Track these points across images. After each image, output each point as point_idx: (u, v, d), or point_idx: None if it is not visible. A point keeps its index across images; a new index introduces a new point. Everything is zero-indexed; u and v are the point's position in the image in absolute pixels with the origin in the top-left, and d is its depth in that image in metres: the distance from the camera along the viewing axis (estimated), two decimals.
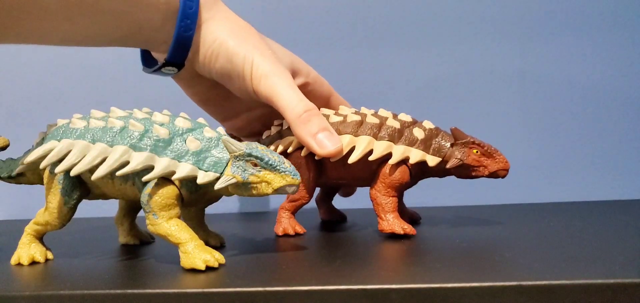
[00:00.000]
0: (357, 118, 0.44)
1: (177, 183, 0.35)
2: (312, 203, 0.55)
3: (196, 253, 0.33)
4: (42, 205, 0.40)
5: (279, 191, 0.34)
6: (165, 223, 0.34)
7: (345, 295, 0.28)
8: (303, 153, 0.45)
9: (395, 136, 0.43)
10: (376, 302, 0.27)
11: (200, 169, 0.34)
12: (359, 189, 0.55)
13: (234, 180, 0.33)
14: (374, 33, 0.68)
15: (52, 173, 0.38)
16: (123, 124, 0.35)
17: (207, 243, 0.41)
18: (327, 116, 0.46)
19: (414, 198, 0.62)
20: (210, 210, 0.68)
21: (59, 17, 0.36)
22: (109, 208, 0.56)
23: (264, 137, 0.50)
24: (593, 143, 0.67)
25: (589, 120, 0.66)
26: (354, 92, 0.67)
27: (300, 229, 0.46)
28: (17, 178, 0.41)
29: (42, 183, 0.40)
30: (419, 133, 0.43)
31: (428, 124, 0.44)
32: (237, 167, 0.34)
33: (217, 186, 0.34)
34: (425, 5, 0.67)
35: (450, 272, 0.30)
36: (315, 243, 0.41)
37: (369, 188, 0.45)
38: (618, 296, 0.26)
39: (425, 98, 0.67)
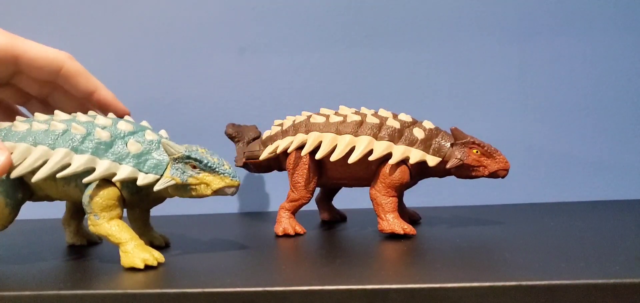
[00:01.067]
0: (357, 118, 0.44)
1: (118, 184, 0.35)
2: (312, 204, 0.55)
3: (135, 253, 0.34)
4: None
5: (218, 192, 0.35)
6: (106, 223, 0.35)
7: (345, 295, 0.28)
8: (303, 152, 0.45)
9: (396, 136, 0.43)
10: (376, 302, 0.27)
11: (140, 171, 0.35)
12: (358, 189, 0.55)
13: (172, 182, 0.35)
14: (374, 33, 0.68)
15: None
16: (65, 127, 0.36)
17: (152, 244, 0.41)
18: (326, 116, 0.46)
19: (414, 198, 0.62)
20: (209, 210, 0.68)
21: None
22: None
23: (264, 137, 0.50)
24: (593, 143, 0.66)
25: (589, 120, 0.66)
26: (354, 92, 0.67)
27: (300, 229, 0.46)
28: None
29: None
30: (419, 133, 0.43)
31: (428, 124, 0.44)
32: (177, 169, 0.35)
33: (156, 187, 0.35)
34: (425, 5, 0.67)
35: (450, 272, 0.30)
36: (315, 243, 0.41)
37: (369, 188, 0.45)
38: (618, 296, 0.26)
39: (425, 98, 0.67)
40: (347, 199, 0.60)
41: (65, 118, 0.37)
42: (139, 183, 0.34)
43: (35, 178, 0.34)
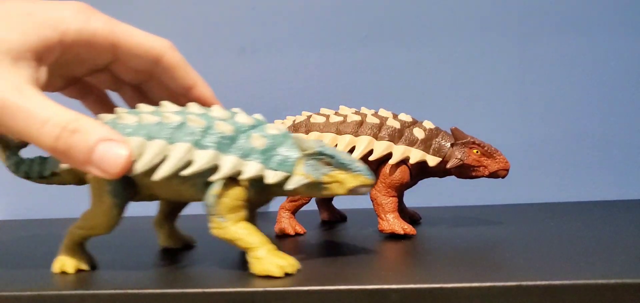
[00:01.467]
0: (357, 118, 0.44)
1: (245, 183, 0.32)
2: (313, 204, 0.55)
3: (270, 258, 0.31)
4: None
5: (352, 191, 0.32)
6: (233, 226, 0.32)
7: (345, 295, 0.28)
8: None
9: (396, 136, 0.43)
10: (376, 302, 0.27)
11: (267, 168, 0.32)
12: None
13: (307, 180, 0.32)
14: (374, 33, 0.68)
15: None
16: (181, 119, 0.32)
17: None
18: (326, 116, 0.46)
19: (414, 198, 0.62)
20: None
21: None
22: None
23: None
24: (593, 142, 0.66)
25: (589, 120, 0.66)
26: (354, 92, 0.67)
27: (300, 229, 0.46)
28: (49, 178, 0.38)
29: (76, 183, 0.37)
30: (419, 133, 0.43)
31: (428, 124, 0.44)
32: (310, 166, 0.32)
33: (291, 186, 0.32)
34: (425, 5, 0.67)
35: (450, 272, 0.30)
36: (315, 243, 0.41)
37: None
38: (618, 296, 0.26)
39: (425, 98, 0.67)
40: (347, 199, 0.60)
41: (177, 109, 0.34)
42: (269, 181, 0.31)
43: (157, 176, 0.31)
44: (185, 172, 0.31)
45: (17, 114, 0.29)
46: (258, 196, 0.33)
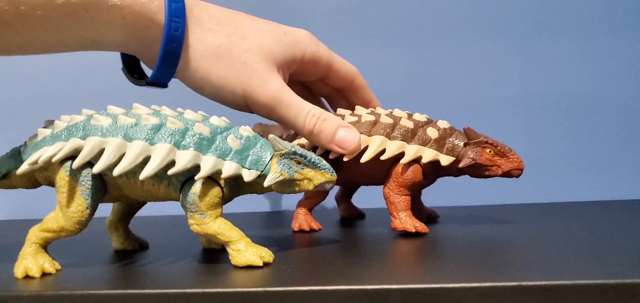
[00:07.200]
0: (372, 117, 0.44)
1: (221, 182, 0.34)
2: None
3: (250, 250, 0.33)
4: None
5: (318, 187, 0.35)
6: (213, 221, 0.34)
7: (345, 295, 0.28)
8: (317, 151, 0.45)
9: (409, 136, 0.43)
10: (376, 302, 0.27)
11: (244, 167, 0.34)
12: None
13: (281, 177, 0.34)
14: (374, 33, 0.68)
15: (71, 173, 0.34)
16: (159, 121, 0.34)
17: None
18: (341, 116, 0.46)
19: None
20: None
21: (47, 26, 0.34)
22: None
23: (284, 137, 0.50)
24: (593, 143, 0.67)
25: (589, 120, 0.66)
26: None
27: (315, 225, 0.47)
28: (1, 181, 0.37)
29: (26, 187, 0.37)
30: (432, 133, 0.43)
31: (443, 124, 0.45)
32: (283, 165, 0.34)
33: (267, 183, 0.34)
34: (425, 5, 0.67)
35: (451, 272, 0.30)
36: (317, 243, 0.41)
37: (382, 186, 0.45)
38: (618, 296, 0.26)
39: (425, 98, 0.67)
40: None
41: (150, 111, 0.35)
42: (246, 179, 0.34)
43: (143, 176, 0.32)
44: (172, 171, 0.33)
45: (290, 107, 0.39)
46: (231, 193, 0.36)
